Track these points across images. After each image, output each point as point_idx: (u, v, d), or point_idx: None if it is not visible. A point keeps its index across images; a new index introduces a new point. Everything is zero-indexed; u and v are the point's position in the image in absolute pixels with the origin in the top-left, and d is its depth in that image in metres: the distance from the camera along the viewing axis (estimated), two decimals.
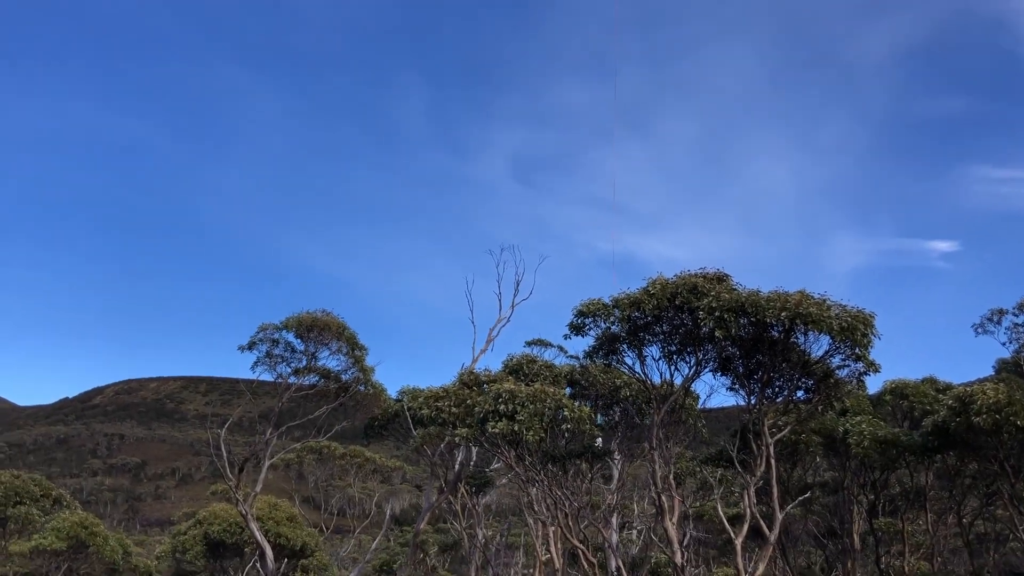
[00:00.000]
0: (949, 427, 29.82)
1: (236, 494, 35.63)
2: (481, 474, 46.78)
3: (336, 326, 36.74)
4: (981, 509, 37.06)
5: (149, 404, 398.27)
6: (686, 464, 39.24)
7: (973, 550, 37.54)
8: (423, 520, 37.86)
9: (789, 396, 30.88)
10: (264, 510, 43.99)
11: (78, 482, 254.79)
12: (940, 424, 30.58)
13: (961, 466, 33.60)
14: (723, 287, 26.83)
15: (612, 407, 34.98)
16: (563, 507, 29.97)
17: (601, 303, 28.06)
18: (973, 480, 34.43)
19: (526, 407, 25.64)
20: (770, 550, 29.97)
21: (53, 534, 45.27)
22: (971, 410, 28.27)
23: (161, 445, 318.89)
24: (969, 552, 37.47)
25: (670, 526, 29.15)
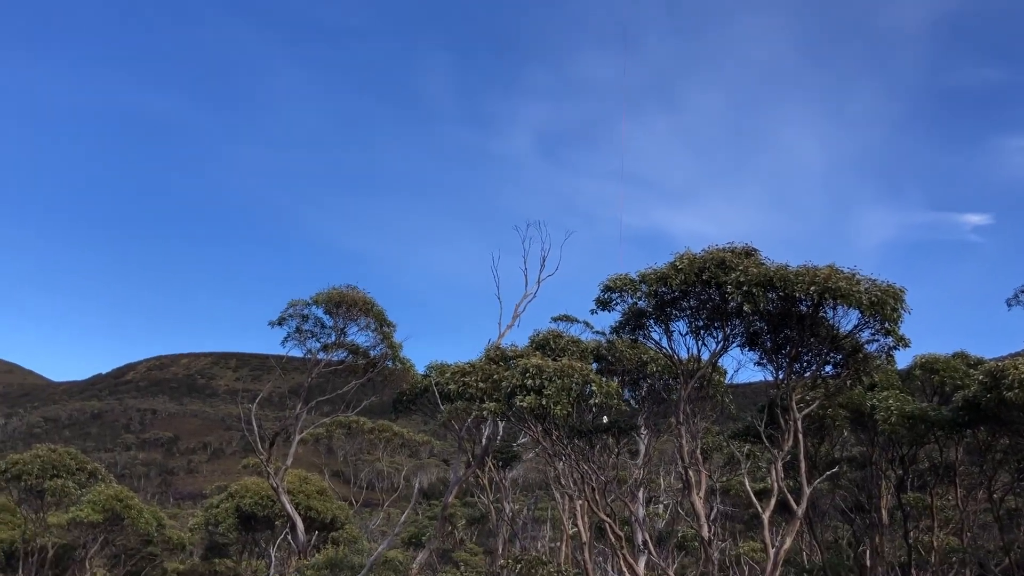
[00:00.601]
0: (980, 402, 29.55)
1: (267, 468, 36.17)
2: (508, 449, 47.08)
3: (364, 302, 37.04)
4: (1012, 484, 36.75)
5: (180, 380, 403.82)
6: (713, 439, 39.26)
7: (1003, 525, 37.26)
8: (451, 494, 38.20)
9: (817, 371, 30.74)
10: (295, 483, 44.59)
11: (112, 456, 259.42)
12: (971, 399, 30.33)
13: (992, 441, 33.32)
14: (751, 261, 26.69)
15: (639, 382, 35.01)
16: (590, 481, 30.11)
17: (628, 278, 28.02)
18: (1004, 455, 34.15)
19: (553, 382, 25.73)
20: (797, 524, 29.98)
21: (89, 506, 46.19)
22: (1003, 385, 27.98)
23: (193, 420, 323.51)
24: (999, 527, 37.20)
25: (697, 500, 29.23)
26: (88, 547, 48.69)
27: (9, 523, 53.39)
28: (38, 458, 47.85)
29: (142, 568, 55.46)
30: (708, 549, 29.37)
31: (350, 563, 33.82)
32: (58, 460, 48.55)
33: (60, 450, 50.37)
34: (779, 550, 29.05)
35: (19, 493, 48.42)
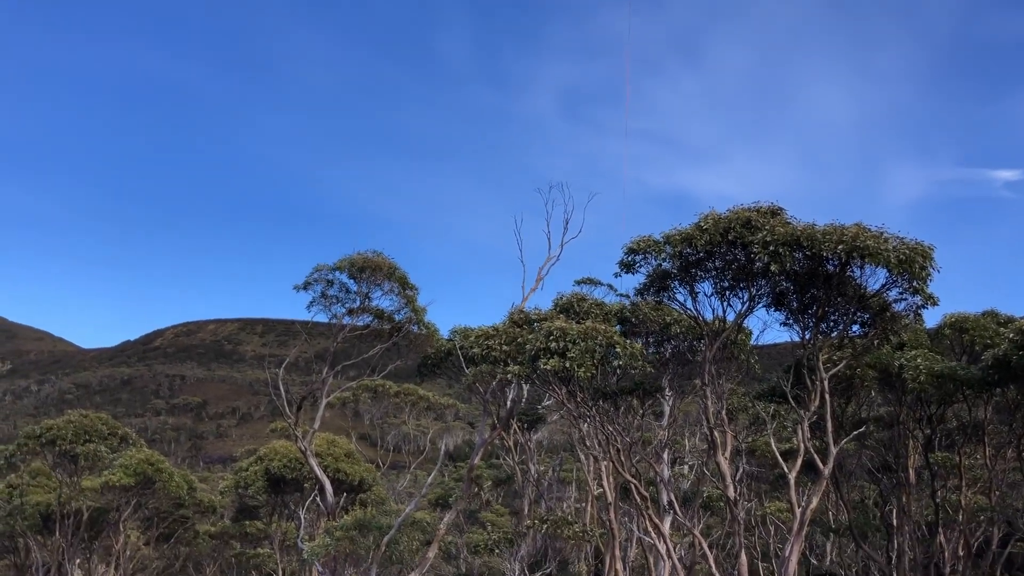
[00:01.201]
0: (1010, 360, 29.22)
1: (295, 431, 36.53)
2: (533, 411, 47.27)
3: (387, 267, 37.07)
4: None
5: (208, 346, 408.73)
6: (738, 400, 39.14)
7: None
8: (477, 455, 38.43)
9: (844, 331, 30.50)
10: (322, 446, 45.07)
11: (142, 421, 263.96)
12: (1001, 357, 29.98)
13: (1022, 399, 32.99)
14: (777, 221, 26.38)
15: (663, 344, 34.89)
16: (615, 442, 30.18)
17: (652, 240, 27.81)
18: None
19: (577, 344, 25.67)
20: (824, 484, 29.91)
21: (121, 470, 46.95)
22: None
23: (221, 385, 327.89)
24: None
25: (723, 461, 29.23)
26: (121, 510, 49.56)
27: (45, 487, 54.46)
28: (71, 423, 48.63)
29: (174, 530, 56.49)
30: (734, 509, 29.41)
31: (378, 524, 34.18)
32: (90, 425, 49.31)
33: (92, 416, 51.14)
34: (805, 510, 29.04)
35: (53, 458, 49.30)
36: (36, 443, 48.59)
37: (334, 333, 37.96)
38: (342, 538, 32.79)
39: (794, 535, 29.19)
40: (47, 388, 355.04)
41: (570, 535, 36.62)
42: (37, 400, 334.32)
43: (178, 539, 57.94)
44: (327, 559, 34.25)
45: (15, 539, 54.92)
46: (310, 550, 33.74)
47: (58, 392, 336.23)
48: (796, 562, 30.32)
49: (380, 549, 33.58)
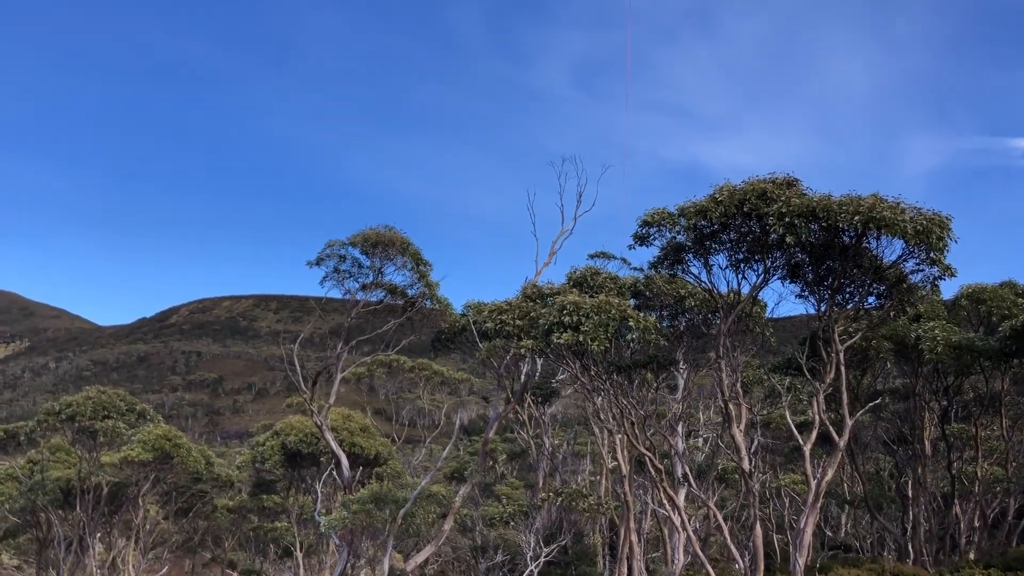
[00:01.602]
0: None
1: (311, 406, 36.72)
2: (547, 385, 47.34)
3: (400, 242, 37.03)
4: None
5: (223, 322, 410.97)
6: (753, 373, 39.08)
7: None
8: (491, 429, 38.58)
9: (860, 302, 30.34)
10: (338, 421, 45.31)
11: (160, 397, 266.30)
12: (1019, 328, 29.80)
13: None
14: (793, 192, 26.17)
15: (677, 317, 34.80)
16: (629, 416, 30.20)
17: (666, 212, 27.65)
18: None
19: (591, 318, 25.63)
20: (839, 456, 29.88)
21: (140, 446, 47.36)
22: None
23: (236, 361, 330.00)
24: None
25: (737, 433, 29.21)
26: (140, 485, 50.09)
27: (65, 462, 55.08)
28: (89, 400, 49.05)
29: (193, 504, 57.08)
30: (749, 481, 29.44)
31: (394, 497, 34.43)
32: (108, 401, 49.73)
33: (110, 392, 51.55)
34: (820, 481, 29.03)
35: (72, 433, 49.81)
36: (55, 419, 49.09)
37: (348, 309, 38.04)
38: (359, 511, 33.04)
39: (809, 507, 29.21)
40: (65, 365, 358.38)
41: (585, 508, 36.77)
42: (55, 377, 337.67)
43: (196, 513, 58.56)
44: (344, 532, 34.55)
45: (37, 513, 55.64)
46: (327, 523, 34.02)
47: (76, 369, 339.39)
48: (811, 533, 30.38)
49: (396, 522, 33.83)
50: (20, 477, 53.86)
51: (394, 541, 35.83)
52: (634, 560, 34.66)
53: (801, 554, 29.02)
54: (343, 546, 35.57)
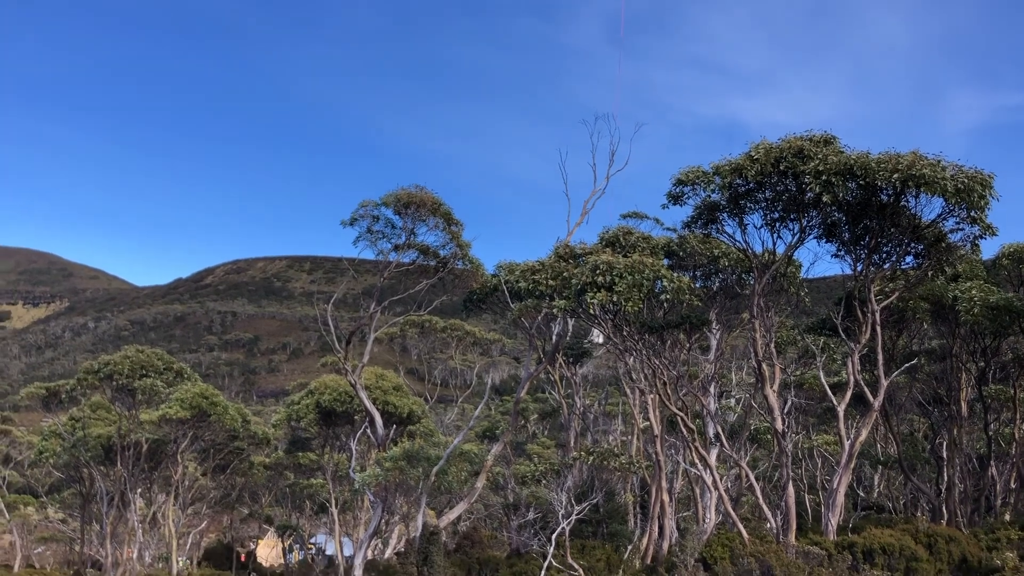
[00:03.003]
0: None
1: (345, 365, 37.09)
2: (578, 345, 47.38)
3: (431, 202, 37.00)
4: None
5: (257, 283, 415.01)
6: (787, 333, 38.80)
7: None
8: (523, 389, 38.76)
9: (897, 262, 29.95)
10: (371, 380, 45.72)
11: (196, 357, 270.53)
12: None
13: None
14: (830, 150, 25.76)
15: (711, 277, 34.57)
16: (661, 376, 30.18)
17: (701, 170, 27.34)
18: None
19: (624, 278, 25.51)
20: (873, 417, 29.71)
21: (177, 404, 48.19)
22: None
23: (271, 321, 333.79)
24: None
25: (771, 394, 29.10)
26: (179, 442, 51.05)
27: (105, 420, 56.25)
28: (128, 359, 49.91)
29: (230, 461, 58.13)
30: (782, 441, 29.38)
31: (427, 455, 34.79)
32: (146, 361, 50.57)
33: (148, 351, 52.39)
34: (854, 442, 28.91)
35: (112, 392, 50.79)
36: (95, 378, 50.05)
37: (380, 269, 38.22)
38: (392, 468, 33.46)
39: (842, 467, 29.13)
40: (103, 325, 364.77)
41: (616, 467, 36.92)
42: (94, 336, 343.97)
43: (234, 470, 59.64)
44: (378, 489, 35.05)
45: (80, 469, 57.04)
46: (362, 480, 34.51)
47: (114, 329, 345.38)
48: (843, 494, 30.34)
49: (429, 479, 34.23)
50: (63, 434, 55.14)
51: (427, 498, 36.29)
52: (665, 519, 34.84)
53: (834, 514, 29.01)
54: (377, 502, 36.10)
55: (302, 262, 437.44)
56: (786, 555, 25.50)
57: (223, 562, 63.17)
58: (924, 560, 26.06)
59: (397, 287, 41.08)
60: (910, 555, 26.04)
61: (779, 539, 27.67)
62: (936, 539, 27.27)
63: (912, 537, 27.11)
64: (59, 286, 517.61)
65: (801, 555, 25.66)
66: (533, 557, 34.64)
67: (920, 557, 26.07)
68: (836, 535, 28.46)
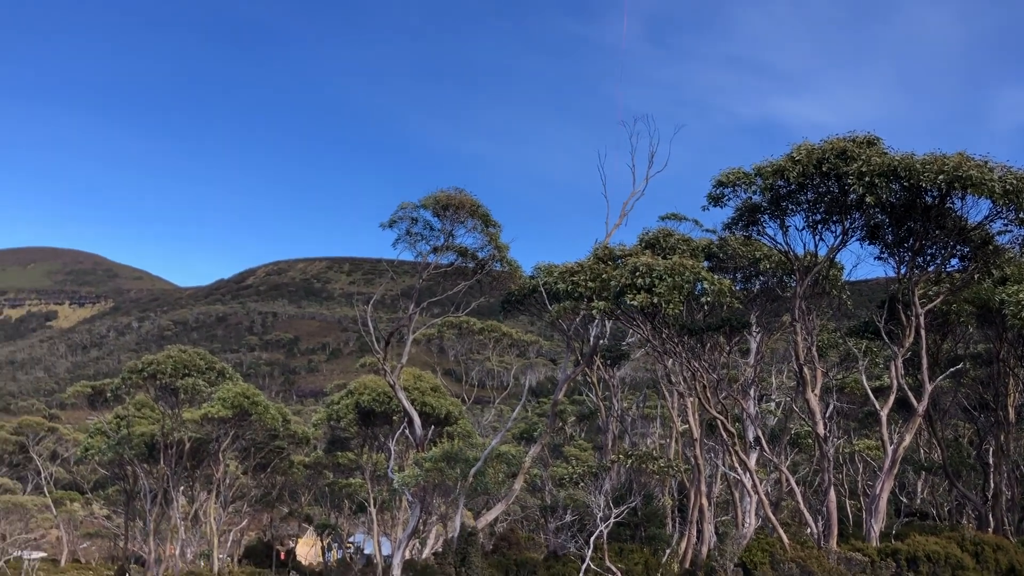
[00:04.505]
0: None
1: (384, 366, 37.36)
2: (616, 347, 47.22)
3: (470, 204, 37.16)
4: None
5: (297, 284, 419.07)
6: (828, 336, 38.33)
7: None
8: (561, 391, 38.74)
9: (942, 264, 29.49)
10: (409, 381, 45.95)
11: (237, 357, 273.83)
12: None
13: None
14: (874, 151, 25.42)
15: (751, 280, 34.26)
16: (701, 379, 29.96)
17: (742, 172, 27.14)
18: None
19: (664, 280, 25.38)
20: (917, 422, 29.26)
21: (219, 403, 48.84)
22: None
23: (311, 322, 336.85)
24: None
25: (812, 398, 28.77)
26: (220, 440, 51.75)
27: (149, 418, 57.18)
28: (170, 358, 50.71)
29: (271, 460, 58.80)
30: (823, 446, 29.02)
31: (465, 456, 34.91)
32: (189, 360, 51.33)
33: (190, 351, 53.18)
34: (897, 447, 28.49)
35: (156, 391, 51.64)
36: (139, 377, 50.91)
37: (419, 271, 38.45)
38: (431, 469, 33.62)
39: (885, 472, 28.72)
40: (147, 325, 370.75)
41: (655, 470, 36.75)
42: (138, 336, 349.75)
43: (274, 469, 60.32)
44: (417, 489, 35.24)
45: (124, 467, 58.04)
46: (400, 480, 34.71)
47: (157, 329, 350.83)
48: (886, 499, 29.89)
49: (467, 480, 34.34)
50: (108, 432, 56.16)
51: (464, 499, 36.40)
52: (704, 523, 34.59)
53: (876, 520, 28.60)
54: (415, 502, 36.29)
55: (341, 263, 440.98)
56: (828, 561, 25.18)
57: (263, 560, 63.90)
58: (970, 569, 25.58)
59: (435, 288, 41.30)
60: (956, 563, 25.58)
61: (820, 545, 27.34)
62: (983, 547, 26.76)
63: (958, 545, 26.63)
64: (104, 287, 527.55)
65: (843, 561, 25.33)
66: (570, 559, 34.58)
67: (966, 565, 25.59)
68: (879, 542, 28.06)
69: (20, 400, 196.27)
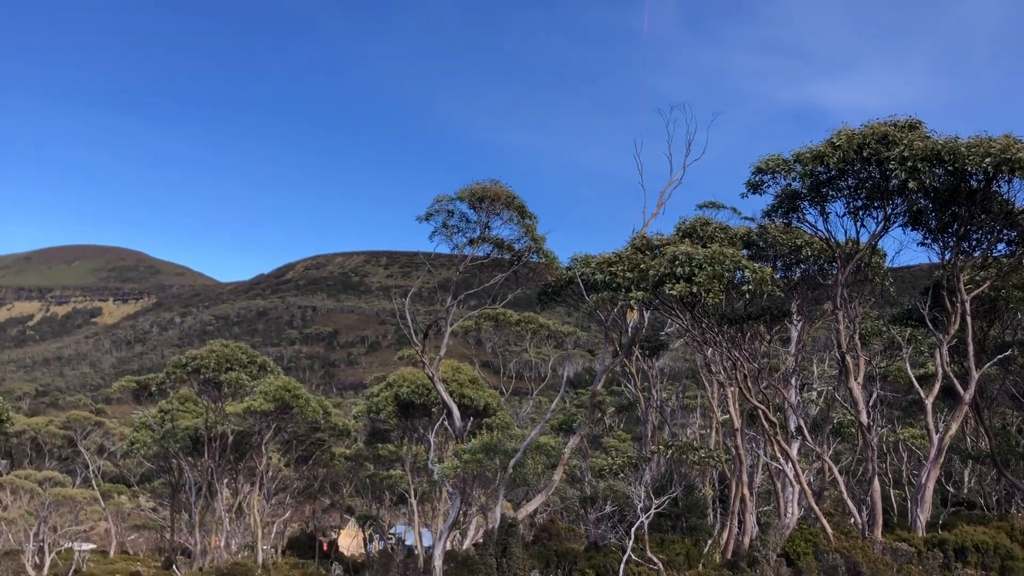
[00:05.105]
0: None
1: (422, 358, 37.52)
2: (655, 337, 46.95)
3: (506, 195, 37.10)
4: None
5: (336, 278, 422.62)
6: (871, 324, 37.77)
7: None
8: (599, 382, 38.62)
9: (988, 249, 28.94)
10: (448, 373, 46.12)
11: (278, 350, 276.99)
12: None
13: None
14: (916, 135, 24.98)
15: (792, 268, 33.84)
16: (741, 368, 29.70)
17: (781, 158, 26.81)
18: None
19: (704, 269, 25.17)
20: (964, 410, 28.77)
21: (261, 396, 49.43)
22: None
23: (350, 315, 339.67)
24: None
25: (855, 386, 28.41)
26: (263, 433, 52.39)
27: (192, 412, 58.10)
28: (213, 353, 51.45)
29: (312, 452, 59.42)
30: (867, 435, 28.66)
31: (504, 448, 34.94)
32: (231, 354, 52.05)
33: (232, 345, 53.92)
34: (943, 436, 28.04)
35: (199, 385, 52.44)
36: (183, 371, 51.73)
37: (455, 263, 38.51)
38: (470, 461, 33.72)
39: (931, 461, 28.28)
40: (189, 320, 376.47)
41: (695, 460, 36.51)
42: (180, 331, 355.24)
43: (316, 461, 60.94)
44: (457, 480, 35.37)
45: (169, 460, 59.05)
46: (440, 471, 34.86)
47: (199, 324, 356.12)
48: (932, 489, 29.43)
49: (507, 472, 34.39)
50: (153, 426, 57.13)
51: (505, 490, 36.47)
52: (746, 513, 34.32)
53: (922, 510, 28.19)
54: (456, 494, 36.45)
55: (379, 257, 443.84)
56: (873, 551, 24.88)
57: (306, 551, 64.65)
58: (1020, 559, 25.14)
59: (472, 281, 41.32)
60: (1005, 553, 25.14)
61: (865, 535, 27.01)
62: None
63: (1007, 535, 26.17)
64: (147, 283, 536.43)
65: (889, 552, 25.00)
66: (611, 550, 34.51)
67: (1016, 555, 25.14)
68: (925, 532, 27.65)
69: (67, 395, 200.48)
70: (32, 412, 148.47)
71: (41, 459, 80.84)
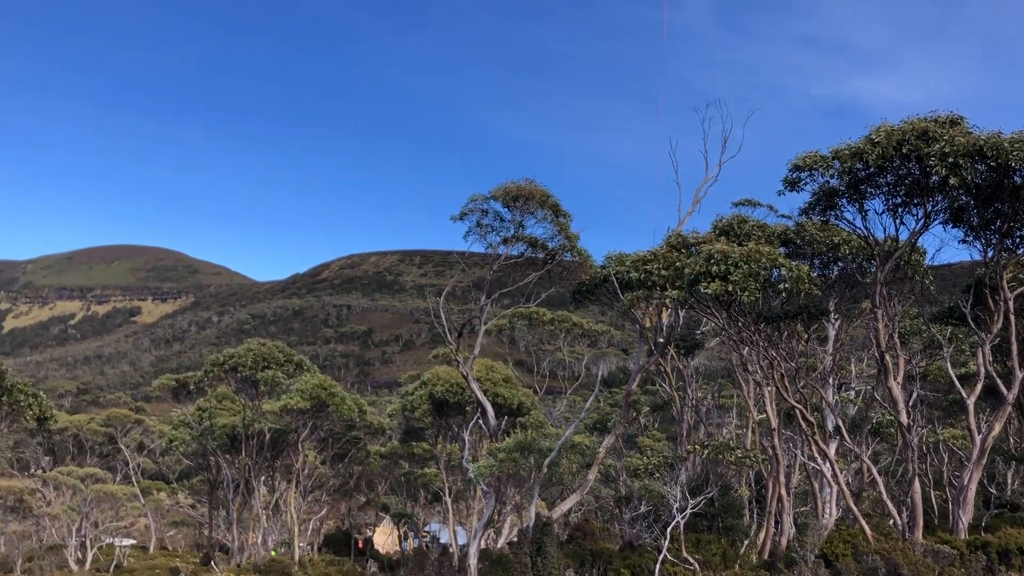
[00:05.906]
0: None
1: (456, 357, 37.63)
2: (690, 336, 46.64)
3: (540, 194, 37.05)
4: None
5: (371, 277, 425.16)
6: (911, 323, 37.21)
7: None
8: (634, 381, 38.45)
9: None
10: (482, 372, 46.21)
11: (314, 349, 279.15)
12: None
13: None
14: (957, 131, 24.57)
15: (829, 266, 33.45)
16: (778, 368, 29.42)
17: (819, 155, 26.50)
18: None
19: (740, 267, 24.97)
20: (1007, 410, 28.24)
21: (298, 394, 49.85)
22: None
23: (384, 314, 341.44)
24: None
25: (894, 386, 28.02)
26: (299, 431, 52.84)
27: (230, 410, 58.77)
28: (250, 351, 52.00)
29: (348, 450, 59.82)
30: (907, 435, 28.25)
31: (539, 447, 34.92)
32: (268, 353, 52.56)
33: (269, 344, 54.44)
34: (986, 436, 27.57)
35: (236, 383, 53.05)
36: (220, 370, 52.35)
37: (489, 262, 38.55)
38: (505, 459, 33.74)
39: (973, 462, 27.81)
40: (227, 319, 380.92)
41: (732, 460, 36.20)
42: (218, 330, 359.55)
43: (351, 459, 61.34)
44: (491, 479, 35.41)
45: (207, 457, 59.79)
46: (475, 470, 34.92)
47: (236, 323, 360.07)
48: (974, 490, 28.94)
49: (541, 471, 34.37)
50: (191, 423, 57.88)
51: (539, 489, 36.44)
52: (783, 513, 33.98)
53: (964, 511, 27.73)
54: (490, 492, 36.50)
55: (413, 256, 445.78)
56: (914, 553, 24.52)
57: (342, 548, 65.12)
58: None
59: (506, 280, 41.33)
60: None
61: (905, 536, 26.64)
62: None
63: None
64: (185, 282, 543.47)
65: (930, 554, 24.63)
66: (647, 550, 34.36)
67: None
68: (967, 534, 27.20)
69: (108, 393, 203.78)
70: (74, 410, 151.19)
71: (83, 456, 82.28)
